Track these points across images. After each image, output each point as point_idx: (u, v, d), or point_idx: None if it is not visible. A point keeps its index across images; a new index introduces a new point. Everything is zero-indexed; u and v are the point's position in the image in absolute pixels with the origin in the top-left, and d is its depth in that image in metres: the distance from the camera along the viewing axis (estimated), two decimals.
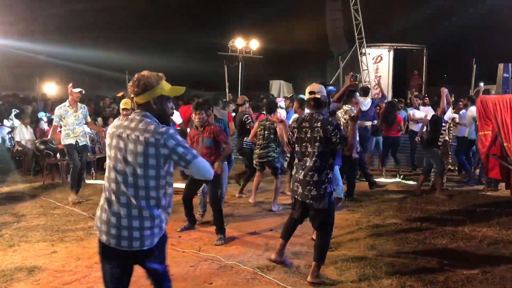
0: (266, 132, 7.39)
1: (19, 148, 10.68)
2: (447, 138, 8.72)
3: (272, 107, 7.33)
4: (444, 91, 7.87)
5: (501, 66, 12.29)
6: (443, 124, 8.27)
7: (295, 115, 6.80)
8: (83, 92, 8.04)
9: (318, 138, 4.29)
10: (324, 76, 22.94)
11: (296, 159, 4.58)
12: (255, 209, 7.38)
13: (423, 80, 18.34)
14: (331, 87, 5.45)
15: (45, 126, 11.25)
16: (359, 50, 17.65)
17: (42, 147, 9.64)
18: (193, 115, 5.87)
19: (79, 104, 7.96)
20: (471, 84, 14.06)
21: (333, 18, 20.94)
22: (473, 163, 9.80)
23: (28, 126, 11.00)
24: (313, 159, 4.33)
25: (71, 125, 7.76)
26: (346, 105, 7.18)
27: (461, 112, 10.23)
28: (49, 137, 8.49)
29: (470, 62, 13.97)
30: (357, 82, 5.41)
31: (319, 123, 4.32)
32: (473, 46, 20.18)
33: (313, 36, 24.10)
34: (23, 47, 19.08)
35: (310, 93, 4.48)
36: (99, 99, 16.39)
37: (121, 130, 2.72)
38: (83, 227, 6.33)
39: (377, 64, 18.28)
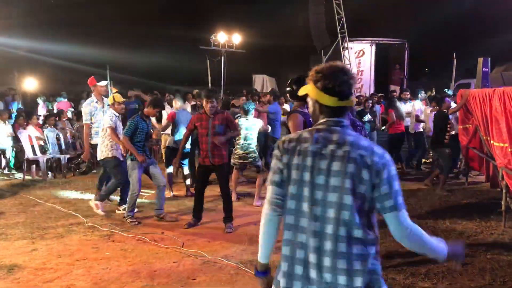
0: (246, 132, 7.38)
1: None
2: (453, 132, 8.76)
3: (249, 109, 7.45)
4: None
5: (480, 60, 12.45)
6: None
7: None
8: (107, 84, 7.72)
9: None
10: (307, 70, 22.91)
11: None
12: (238, 204, 7.37)
13: (405, 74, 18.50)
14: None
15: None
16: (342, 44, 17.72)
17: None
18: (204, 102, 5.97)
19: (104, 98, 7.45)
20: (451, 78, 14.22)
21: (315, 12, 20.97)
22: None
23: (7, 122, 10.79)
24: None
25: (100, 121, 6.99)
26: None
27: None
28: (88, 139, 7.17)
29: (451, 56, 14.12)
30: None
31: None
32: (454, 40, 20.44)
33: (296, 30, 24.15)
34: (1, 42, 18.72)
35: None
36: (78, 95, 16.19)
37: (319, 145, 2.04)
38: (63, 224, 6.25)
39: (359, 58, 18.39)
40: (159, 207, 6.45)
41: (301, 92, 2.20)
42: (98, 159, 6.91)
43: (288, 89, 4.57)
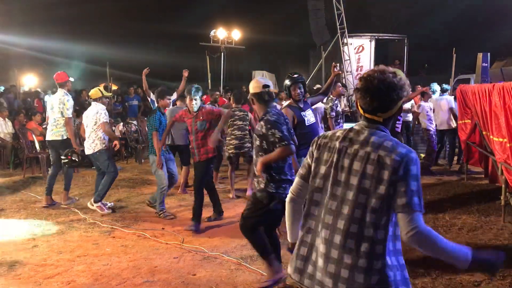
0: (242, 122, 7.42)
1: None
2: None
3: (240, 97, 7.50)
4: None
5: (480, 55, 12.43)
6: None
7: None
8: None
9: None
10: (307, 66, 22.98)
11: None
12: (237, 200, 7.38)
13: (404, 69, 18.49)
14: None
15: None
16: (341, 40, 17.67)
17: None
18: (188, 100, 5.89)
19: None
20: (451, 73, 14.21)
21: (315, 8, 20.96)
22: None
23: (7, 119, 10.81)
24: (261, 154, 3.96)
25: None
26: (330, 98, 7.23)
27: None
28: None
29: (450, 51, 14.09)
30: (340, 72, 5.45)
31: (261, 122, 3.97)
32: (453, 35, 20.42)
33: (295, 26, 24.10)
34: (0, 39, 18.70)
35: (265, 86, 4.08)
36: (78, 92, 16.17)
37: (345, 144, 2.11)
38: (64, 220, 6.27)
39: (359, 54, 18.35)
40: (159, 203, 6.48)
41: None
42: (89, 153, 6.80)
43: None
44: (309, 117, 5.42)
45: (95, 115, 6.67)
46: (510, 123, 5.60)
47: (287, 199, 2.38)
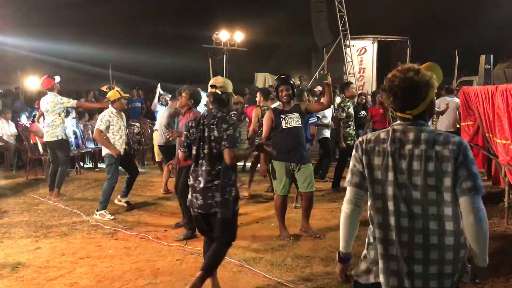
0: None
1: (1, 144, 10.52)
2: None
3: (268, 93, 7.47)
4: None
5: (482, 57, 12.45)
6: None
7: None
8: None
9: (213, 138, 3.71)
10: (309, 68, 23.01)
11: (193, 164, 3.87)
12: (240, 202, 7.37)
13: None
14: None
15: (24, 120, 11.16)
16: (343, 42, 17.72)
17: None
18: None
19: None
20: (453, 75, 14.21)
21: (317, 10, 20.98)
22: None
23: (10, 121, 10.83)
24: (211, 161, 3.73)
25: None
26: (342, 99, 7.23)
27: None
28: None
29: (453, 53, 14.10)
30: (329, 82, 5.37)
31: (215, 120, 3.74)
32: (456, 37, 20.38)
33: (297, 28, 24.12)
34: (4, 41, 18.77)
35: (212, 86, 3.94)
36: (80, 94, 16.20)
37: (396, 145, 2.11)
38: (67, 222, 6.27)
39: (361, 56, 18.39)
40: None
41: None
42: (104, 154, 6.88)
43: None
44: (290, 120, 5.35)
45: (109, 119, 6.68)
46: None
47: (347, 211, 2.28)
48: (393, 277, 2.10)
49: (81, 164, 10.56)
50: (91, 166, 11.03)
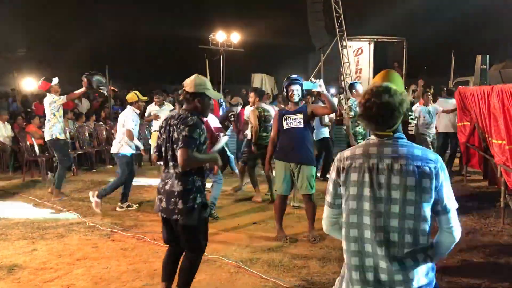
0: (266, 124, 7.43)
1: None
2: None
3: (262, 93, 7.67)
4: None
5: (478, 58, 12.48)
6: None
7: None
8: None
9: (174, 140, 3.54)
10: (306, 68, 23.01)
11: (163, 165, 3.74)
12: (237, 203, 7.38)
13: (403, 72, 18.52)
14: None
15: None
16: (340, 42, 17.72)
17: None
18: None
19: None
20: (450, 75, 14.25)
21: (314, 10, 21.00)
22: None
23: (6, 122, 10.80)
24: (175, 163, 3.55)
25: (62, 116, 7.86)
26: (350, 99, 7.24)
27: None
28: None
29: (449, 54, 14.14)
30: (320, 90, 5.30)
31: (180, 122, 3.55)
32: (452, 38, 20.45)
33: (294, 29, 24.13)
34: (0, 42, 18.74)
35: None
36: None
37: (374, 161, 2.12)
38: (63, 223, 6.26)
39: (358, 56, 18.40)
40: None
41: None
42: (113, 152, 7.11)
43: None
44: (291, 121, 5.36)
45: (125, 119, 6.94)
46: (509, 126, 5.62)
47: (326, 228, 2.40)
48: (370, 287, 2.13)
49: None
50: (87, 167, 11.00)
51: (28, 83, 17.33)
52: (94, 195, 6.68)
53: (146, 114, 8.56)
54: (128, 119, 6.87)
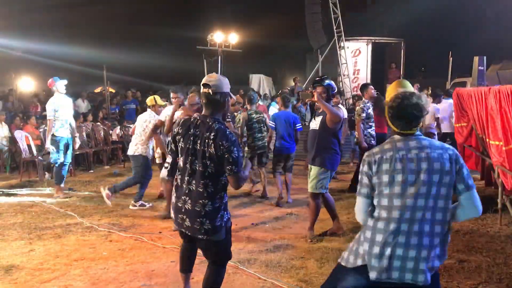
0: (260, 125, 7.63)
1: None
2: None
3: (254, 98, 7.74)
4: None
5: (476, 59, 12.48)
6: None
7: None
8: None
9: (208, 155, 3.17)
10: (304, 69, 23.04)
11: (178, 178, 3.38)
12: (235, 203, 7.38)
13: (401, 73, 18.55)
14: (327, 81, 5.43)
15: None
16: (338, 43, 17.74)
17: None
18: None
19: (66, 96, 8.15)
20: (447, 76, 14.28)
21: (311, 11, 21.01)
22: None
23: (3, 123, 10.78)
24: (202, 181, 3.21)
25: (64, 115, 7.93)
26: (361, 100, 7.25)
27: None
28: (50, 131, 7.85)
29: (447, 55, 14.17)
30: (314, 100, 5.33)
31: (212, 134, 3.17)
32: (450, 39, 20.50)
33: (292, 29, 24.15)
34: None
35: (204, 85, 3.32)
36: (76, 95, 16.16)
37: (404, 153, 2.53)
38: (61, 224, 6.25)
39: (356, 57, 18.41)
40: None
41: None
42: (129, 153, 7.19)
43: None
44: (311, 123, 5.57)
45: (144, 122, 7.01)
46: (506, 126, 5.63)
47: (362, 218, 2.66)
48: (396, 261, 2.48)
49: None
50: (85, 167, 10.99)
51: (26, 83, 17.32)
52: (106, 188, 6.75)
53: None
54: (151, 124, 6.95)
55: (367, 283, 2.55)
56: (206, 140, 3.16)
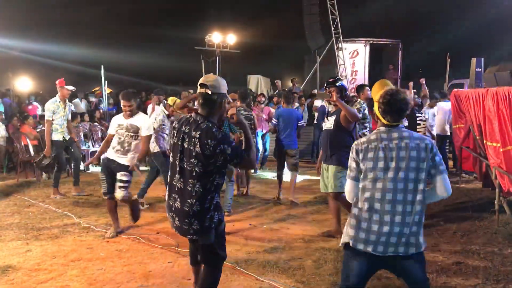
0: (249, 122, 7.50)
1: None
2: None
3: (246, 96, 7.67)
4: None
5: (473, 60, 12.49)
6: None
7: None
8: (74, 90, 8.25)
9: (194, 154, 3.13)
10: (302, 70, 23.05)
11: (169, 176, 3.35)
12: (235, 204, 7.37)
13: (399, 74, 18.57)
14: (340, 82, 5.55)
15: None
16: (336, 45, 17.75)
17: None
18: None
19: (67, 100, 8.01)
20: (445, 78, 14.29)
21: (310, 13, 21.03)
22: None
23: (1, 123, 10.75)
24: (191, 180, 3.18)
25: (60, 120, 7.77)
26: (357, 101, 7.28)
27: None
28: (49, 135, 7.74)
29: (444, 56, 14.18)
30: (333, 99, 5.45)
31: (198, 132, 3.14)
32: (447, 40, 20.54)
33: (290, 30, 24.17)
34: None
35: (201, 85, 3.28)
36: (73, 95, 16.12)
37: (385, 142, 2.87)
38: (58, 224, 6.23)
39: (354, 58, 18.43)
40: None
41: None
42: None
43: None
44: (326, 122, 5.64)
45: (155, 120, 7.22)
46: (503, 128, 5.65)
47: (350, 198, 3.00)
48: (373, 235, 2.81)
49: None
50: (82, 168, 10.96)
51: (24, 83, 17.29)
52: (138, 199, 6.57)
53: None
54: (156, 121, 7.23)
55: (367, 263, 2.88)
56: (193, 139, 3.14)
